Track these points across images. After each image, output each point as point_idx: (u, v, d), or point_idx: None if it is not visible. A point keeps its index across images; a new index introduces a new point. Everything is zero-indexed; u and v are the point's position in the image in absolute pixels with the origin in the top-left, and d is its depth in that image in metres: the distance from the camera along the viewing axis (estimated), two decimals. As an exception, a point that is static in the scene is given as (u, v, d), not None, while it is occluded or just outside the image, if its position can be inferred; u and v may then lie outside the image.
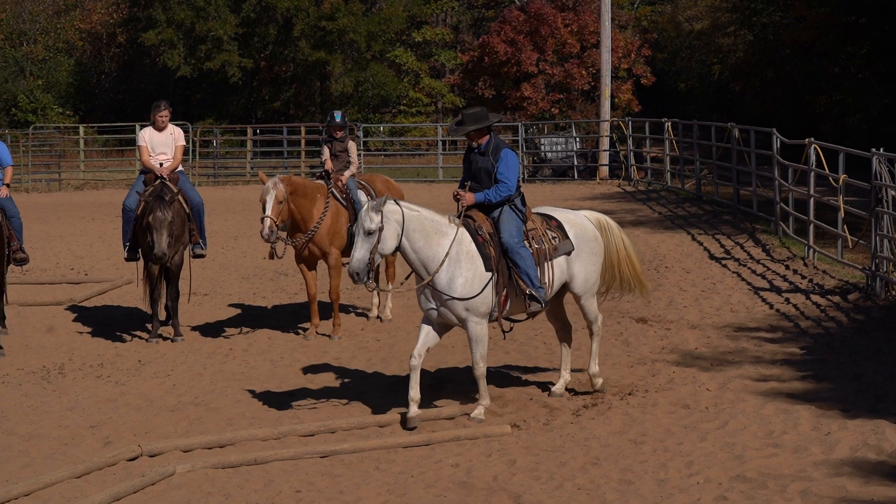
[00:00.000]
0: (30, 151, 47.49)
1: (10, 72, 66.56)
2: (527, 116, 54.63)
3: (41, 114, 63.56)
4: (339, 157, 17.56)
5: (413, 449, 11.82)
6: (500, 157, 12.69)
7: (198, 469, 11.22)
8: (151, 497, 10.59)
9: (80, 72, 68.34)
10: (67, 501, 10.42)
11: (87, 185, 45.87)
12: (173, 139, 17.48)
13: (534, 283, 12.60)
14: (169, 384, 14.80)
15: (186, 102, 62.29)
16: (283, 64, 63.63)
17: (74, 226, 30.33)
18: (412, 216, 12.27)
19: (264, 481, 10.92)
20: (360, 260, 11.99)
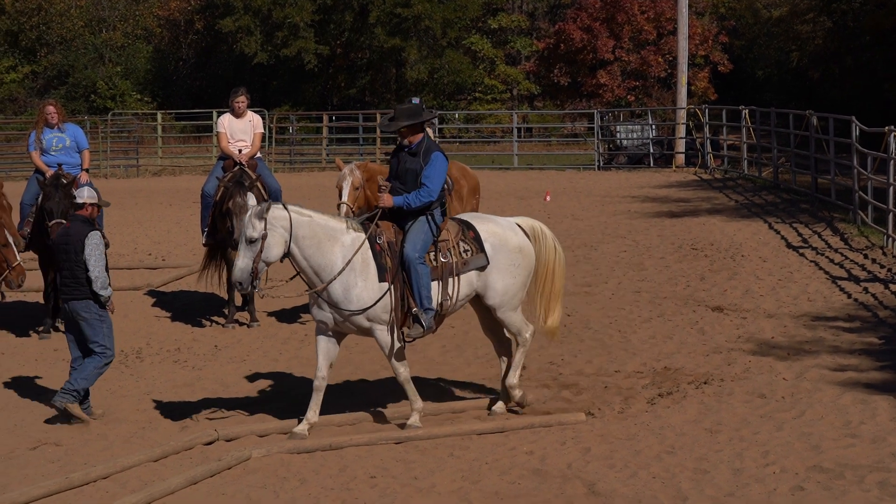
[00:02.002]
0: (108, 138, 47.88)
1: (90, 58, 67.21)
2: (602, 104, 54.47)
3: (120, 100, 64.11)
4: (415, 144, 17.55)
5: (487, 436, 11.83)
6: (429, 160, 11.96)
7: (273, 454, 11.31)
8: (227, 481, 10.67)
9: (158, 58, 68.87)
10: (145, 485, 10.51)
11: (165, 171, 46.22)
12: (252, 126, 17.58)
13: (422, 304, 11.83)
14: (245, 369, 14.91)
15: (263, 89, 62.58)
16: (358, 51, 63.80)
17: (152, 211, 30.57)
18: (301, 221, 11.63)
19: (339, 466, 10.97)
20: (243, 269, 11.41)
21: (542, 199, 31.03)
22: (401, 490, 10.32)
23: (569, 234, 24.36)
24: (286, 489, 10.43)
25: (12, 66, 67.50)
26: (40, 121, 17.27)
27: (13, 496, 10.19)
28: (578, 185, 35.31)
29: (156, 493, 10.25)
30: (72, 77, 66.49)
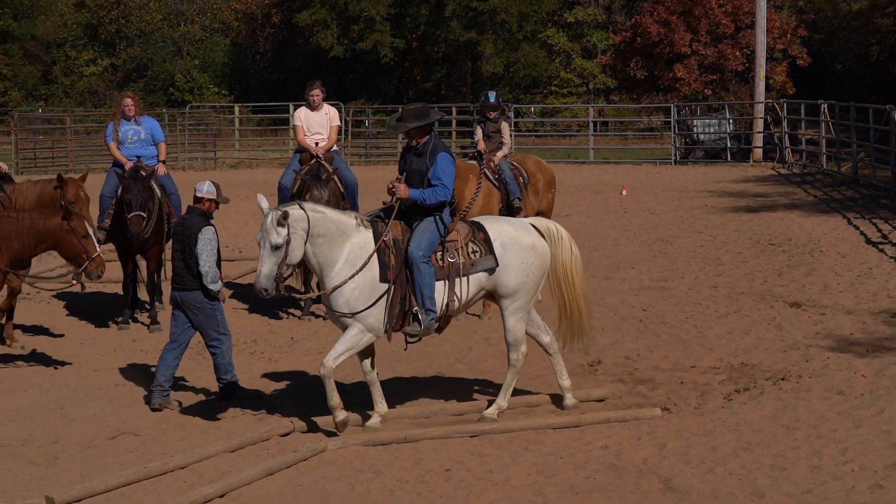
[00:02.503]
0: (186, 130, 48.26)
1: (168, 52, 67.78)
2: (679, 97, 54.17)
3: (197, 93, 64.63)
4: (491, 138, 17.57)
5: (562, 430, 11.80)
6: (435, 161, 11.76)
7: (349, 446, 11.35)
8: (303, 472, 10.72)
9: (235, 52, 69.33)
10: (222, 475, 10.59)
11: (242, 163, 46.49)
12: (328, 119, 17.64)
13: (424, 304, 11.67)
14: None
15: (339, 82, 62.80)
16: (434, 44, 63.88)
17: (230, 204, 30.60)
18: (317, 219, 11.48)
19: (414, 459, 10.99)
20: (268, 276, 11.29)
21: (618, 194, 30.92)
22: (476, 483, 10.32)
23: (645, 228, 24.26)
24: (361, 481, 10.46)
25: (92, 60, 68.26)
26: (118, 113, 17.43)
27: (92, 485, 10.30)
28: (654, 180, 35.14)
29: (233, 483, 10.32)
30: (150, 70, 67.11)
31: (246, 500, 10.12)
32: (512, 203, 17.07)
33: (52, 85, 67.82)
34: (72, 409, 13.17)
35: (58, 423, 12.48)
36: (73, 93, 66.98)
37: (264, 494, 10.22)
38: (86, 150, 46.57)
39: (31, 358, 15.42)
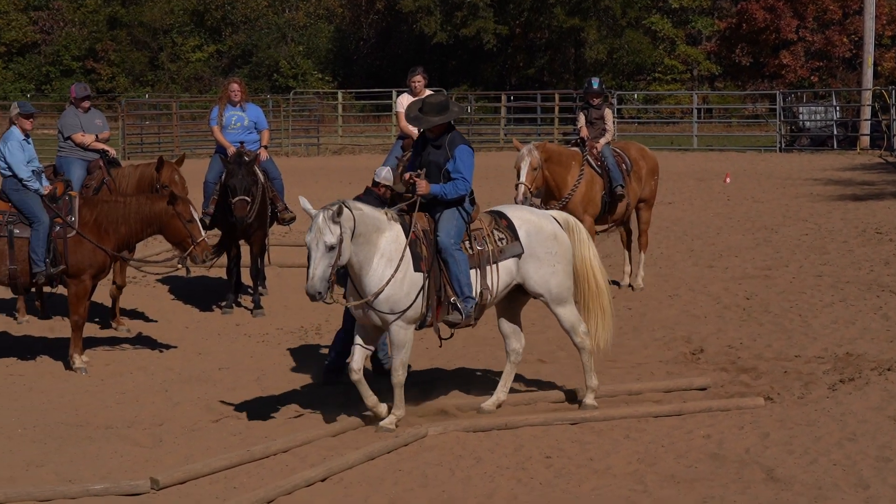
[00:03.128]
0: (290, 116, 48.56)
1: (273, 38, 68.24)
2: (785, 84, 53.60)
3: (301, 79, 65.02)
4: (594, 125, 17.50)
5: (664, 419, 11.73)
6: (455, 153, 11.53)
7: (449, 432, 11.37)
8: (404, 458, 10.76)
9: (339, 38, 69.63)
10: (324, 459, 10.66)
11: (345, 149, 46.72)
12: (431, 105, 17.62)
13: (462, 292, 11.43)
14: (421, 347, 14.98)
15: (442, 69, 62.84)
16: (537, 31, 63.71)
17: (332, 189, 30.88)
18: (360, 216, 11.07)
19: (514, 446, 10.99)
20: (322, 278, 10.76)
21: (722, 181, 30.66)
22: (576, 471, 10.31)
23: (748, 216, 24.04)
24: (462, 467, 10.48)
25: (198, 46, 68.93)
26: (224, 97, 17.57)
27: (196, 467, 10.41)
28: (759, 168, 34.81)
29: (334, 467, 10.39)
30: (255, 56, 67.63)
31: (347, 484, 10.18)
32: (614, 190, 17.00)
33: (159, 71, 68.60)
34: (176, 391, 13.33)
35: (163, 405, 12.65)
36: (180, 79, 67.69)
37: (365, 479, 10.28)
38: (191, 135, 47.06)
39: (136, 341, 15.63)
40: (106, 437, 11.63)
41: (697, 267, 19.01)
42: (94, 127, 16.61)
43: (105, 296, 16.53)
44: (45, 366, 14.62)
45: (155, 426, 11.98)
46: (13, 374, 14.26)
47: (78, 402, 12.65)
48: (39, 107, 45.47)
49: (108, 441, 11.48)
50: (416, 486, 10.08)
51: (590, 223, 16.82)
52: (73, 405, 12.80)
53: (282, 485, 10.00)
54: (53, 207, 14.30)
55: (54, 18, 70.70)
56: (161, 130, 47.97)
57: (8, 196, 14.41)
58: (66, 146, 16.50)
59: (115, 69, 67.36)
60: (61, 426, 11.91)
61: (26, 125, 14.57)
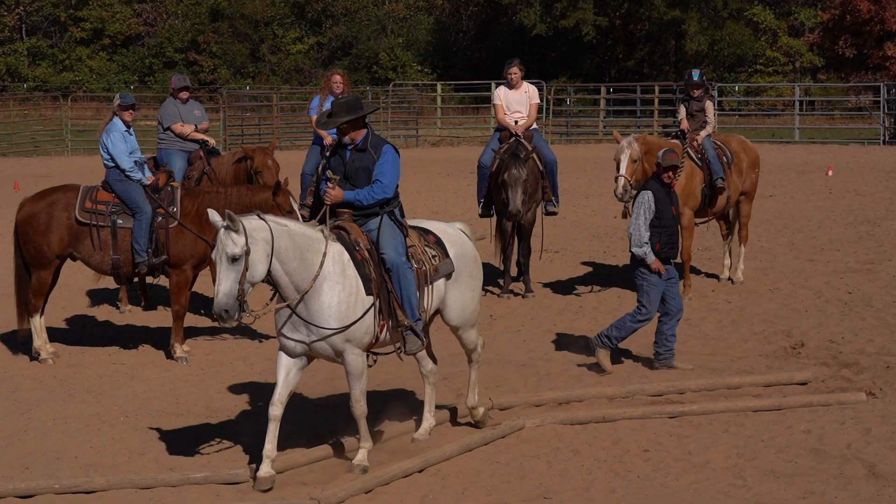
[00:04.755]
0: (389, 108, 48.72)
1: (373, 30, 68.49)
2: (889, 76, 52.81)
3: (401, 71, 65.19)
4: (695, 117, 17.36)
5: (763, 413, 11.63)
6: (381, 154, 10.54)
7: (547, 424, 11.36)
8: (501, 449, 10.77)
9: (438, 30, 69.72)
10: (421, 450, 10.71)
11: (443, 141, 46.79)
12: (528, 97, 17.62)
13: (414, 314, 10.43)
14: (519, 339, 14.99)
15: (541, 61, 62.71)
16: (637, 22, 63.33)
17: (430, 181, 31.00)
18: (281, 231, 9.95)
19: (612, 439, 10.96)
20: (228, 294, 9.64)
21: (824, 174, 30.30)
22: (674, 465, 10.25)
23: (851, 210, 23.73)
24: (559, 460, 10.47)
25: (298, 38, 69.33)
26: (325, 88, 17.65)
27: (294, 456, 10.53)
28: (862, 160, 34.34)
29: (431, 458, 10.42)
30: (355, 48, 67.91)
31: (445, 475, 10.21)
32: (715, 183, 16.87)
33: (260, 63, 69.10)
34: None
35: (262, 395, 12.74)
36: (280, 70, 68.14)
37: (462, 470, 10.30)
38: (291, 126, 47.42)
39: (237, 331, 15.74)
40: (206, 425, 11.75)
41: (798, 261, 18.80)
42: (193, 117, 16.79)
43: (206, 286, 16.69)
44: (147, 355, 14.80)
45: (256, 415, 12.07)
46: (116, 363, 14.45)
47: (179, 391, 12.79)
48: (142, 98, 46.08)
49: (208, 430, 11.60)
50: (513, 479, 10.09)
51: (689, 216, 16.71)
52: (174, 394, 12.96)
53: (379, 475, 10.06)
54: (155, 198, 14.46)
55: (157, 11, 71.50)
56: (261, 122, 48.38)
57: (111, 187, 14.59)
58: (167, 137, 16.69)
59: (217, 61, 67.98)
60: (163, 415, 12.06)
61: (126, 117, 14.74)
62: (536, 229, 17.57)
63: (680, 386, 12.47)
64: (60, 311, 16.54)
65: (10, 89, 66.64)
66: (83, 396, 13.19)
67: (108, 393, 13.17)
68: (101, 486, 10.19)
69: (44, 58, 70.99)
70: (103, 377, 13.90)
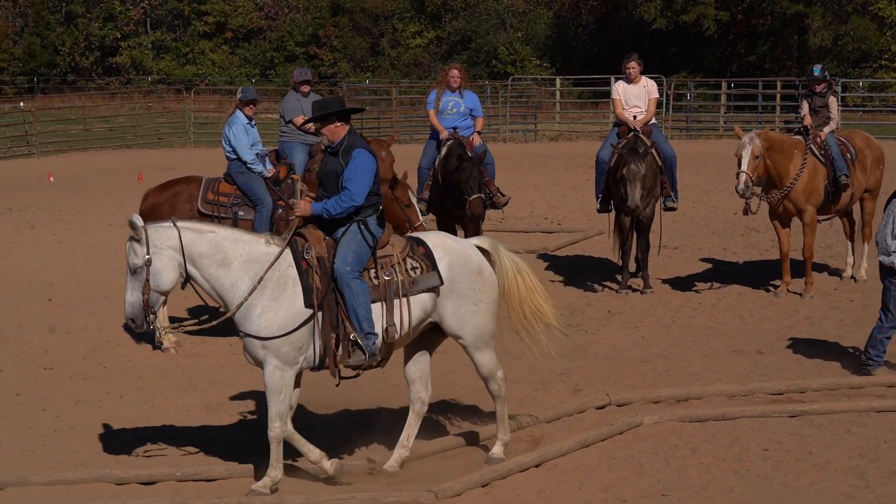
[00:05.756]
0: (508, 102, 48.69)
1: (492, 24, 68.48)
2: None
3: (519, 66, 65.09)
4: (818, 113, 17.13)
5: (886, 414, 11.45)
6: (350, 159, 10.03)
7: (665, 421, 11.29)
8: (618, 446, 10.73)
9: (558, 24, 69.50)
10: (538, 445, 10.70)
11: (562, 136, 46.66)
12: (647, 92, 17.51)
13: (362, 328, 9.92)
14: (637, 335, 14.91)
15: (661, 55, 62.23)
16: (759, 17, 62.61)
17: (548, 176, 30.94)
18: (193, 239, 9.74)
19: (731, 437, 10.86)
20: (132, 304, 9.65)
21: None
22: (794, 464, 10.14)
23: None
24: (677, 457, 10.40)
25: (418, 32, 69.52)
26: (443, 82, 17.66)
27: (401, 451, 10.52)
28: None
29: (548, 453, 10.42)
30: (474, 42, 67.94)
31: (561, 470, 10.20)
32: (838, 180, 16.64)
33: (380, 57, 69.41)
34: (393, 373, 13.44)
35: (380, 387, 12.79)
36: (399, 64, 68.39)
37: (579, 466, 10.28)
38: (410, 120, 47.60)
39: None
40: (325, 416, 11.84)
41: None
42: (314, 110, 16.90)
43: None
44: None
45: (372, 407, 12.14)
46: (236, 353, 14.53)
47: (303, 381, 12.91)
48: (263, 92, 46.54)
49: (321, 421, 11.69)
50: (630, 475, 10.05)
51: (812, 213, 16.50)
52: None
53: (496, 469, 10.07)
54: (276, 190, 14.59)
55: (279, 5, 72.11)
56: (380, 116, 48.62)
57: (233, 179, 14.76)
58: (288, 130, 16.83)
59: (337, 55, 68.40)
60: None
61: (248, 111, 14.91)
62: (655, 225, 17.46)
63: (801, 385, 12.32)
64: (182, 301, 16.74)
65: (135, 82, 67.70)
66: (204, 386, 13.38)
67: (227, 383, 13.33)
68: (222, 474, 10.34)
69: (167, 51, 71.97)
70: (224, 367, 14.08)
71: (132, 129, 47.86)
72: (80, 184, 32.43)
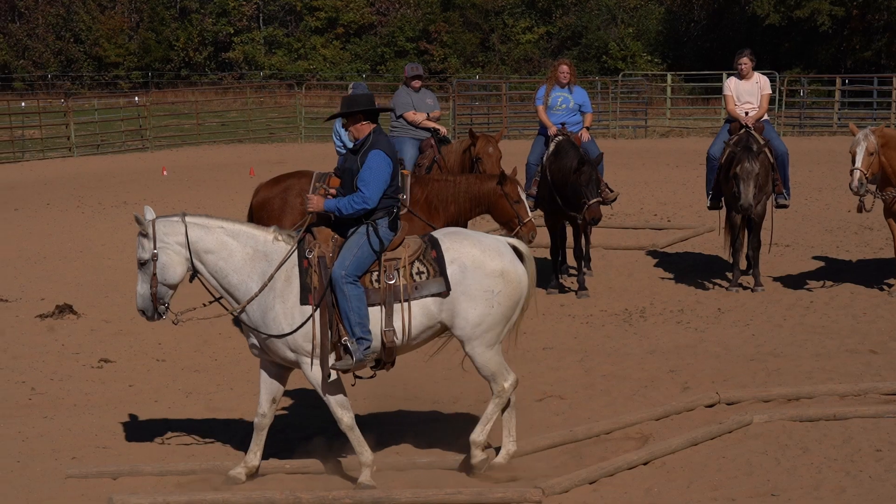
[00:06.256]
0: (618, 98, 48.51)
1: (603, 20, 68.27)
2: None
3: (630, 62, 64.80)
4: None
5: None
6: (366, 160, 9.97)
7: (775, 420, 11.17)
8: (728, 445, 10.64)
9: (669, 20, 69.09)
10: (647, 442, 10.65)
11: (672, 132, 46.38)
12: (759, 88, 17.35)
13: (353, 332, 9.79)
14: (748, 333, 14.78)
15: (774, 51, 61.58)
16: (875, 12, 61.73)
17: (658, 172, 30.77)
18: (200, 234, 9.91)
19: (843, 438, 10.72)
20: (142, 296, 9.95)
21: None
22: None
23: None
24: (787, 457, 10.29)
25: (528, 27, 69.49)
26: (552, 78, 17.64)
27: (519, 444, 10.52)
28: None
29: (657, 451, 10.36)
30: (585, 38, 67.77)
31: (670, 468, 10.14)
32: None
33: (489, 52, 69.47)
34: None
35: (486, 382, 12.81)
36: (509, 60, 68.40)
37: (688, 464, 10.21)
38: (519, 116, 47.58)
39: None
40: (433, 411, 11.88)
41: None
42: (425, 106, 16.97)
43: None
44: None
45: (480, 403, 12.15)
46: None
47: (406, 376, 12.93)
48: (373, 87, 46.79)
49: (434, 416, 11.73)
50: (739, 474, 9.96)
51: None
52: (403, 380, 13.10)
53: (604, 466, 10.04)
54: (386, 185, 14.64)
55: (390, 0, 72.48)
56: (490, 111, 48.66)
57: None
58: (399, 125, 16.91)
59: (447, 50, 68.58)
60: (389, 399, 12.21)
61: (358, 106, 14.96)
62: (766, 222, 17.28)
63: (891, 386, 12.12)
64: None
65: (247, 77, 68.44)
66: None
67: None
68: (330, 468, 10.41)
69: (279, 46, 72.65)
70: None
71: (244, 123, 48.36)
72: (193, 178, 32.84)
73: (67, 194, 29.44)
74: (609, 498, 9.64)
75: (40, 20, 74.86)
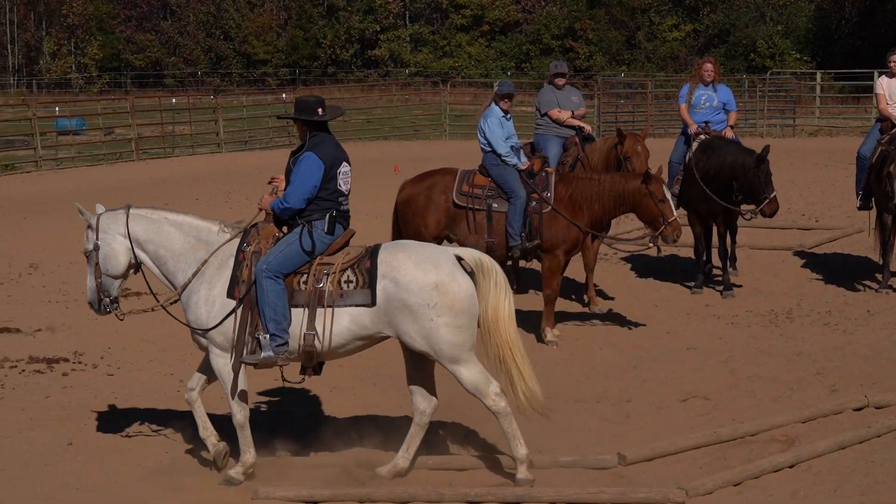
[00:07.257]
0: (766, 97, 47.92)
1: (751, 17, 67.57)
2: None
3: (779, 59, 64.05)
4: None
5: None
6: (298, 162, 10.04)
7: (924, 425, 10.95)
8: (876, 449, 10.44)
9: (820, 17, 68.14)
10: (792, 445, 10.51)
11: (821, 131, 45.69)
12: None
13: (268, 328, 9.75)
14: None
15: (928, 49, 60.45)
16: None
17: (806, 172, 30.31)
18: (142, 224, 10.14)
19: None
20: (90, 289, 10.20)
21: None
22: None
23: None
24: (937, 462, 10.09)
25: (675, 25, 69.10)
26: (696, 76, 17.49)
27: (662, 445, 10.48)
28: None
29: (803, 454, 10.21)
30: (732, 36, 67.15)
31: (816, 472, 9.98)
32: None
33: (635, 50, 69.17)
34: (644, 369, 13.42)
35: (631, 382, 12.75)
36: (655, 58, 68.03)
37: (835, 468, 10.04)
38: (664, 114, 47.23)
39: (606, 317, 15.82)
40: (575, 410, 11.85)
41: None
42: (569, 103, 16.91)
43: (577, 271, 16.82)
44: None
45: (623, 402, 12.11)
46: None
47: (549, 374, 12.92)
48: (518, 85, 46.78)
49: (578, 415, 11.69)
50: (888, 479, 9.77)
51: None
52: (545, 377, 13.03)
53: (749, 468, 9.93)
54: (530, 183, 14.65)
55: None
56: (635, 109, 48.39)
57: (487, 171, 14.87)
58: (544, 123, 16.88)
59: (593, 48, 68.43)
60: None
61: (503, 105, 14.99)
62: (918, 223, 16.94)
63: None
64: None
65: (393, 74, 68.95)
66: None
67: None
68: (472, 464, 10.45)
69: (425, 44, 73.11)
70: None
71: (390, 120, 48.68)
72: (338, 174, 33.06)
73: (216, 189, 29.88)
74: (754, 500, 9.53)
75: (191, 18, 76.31)
